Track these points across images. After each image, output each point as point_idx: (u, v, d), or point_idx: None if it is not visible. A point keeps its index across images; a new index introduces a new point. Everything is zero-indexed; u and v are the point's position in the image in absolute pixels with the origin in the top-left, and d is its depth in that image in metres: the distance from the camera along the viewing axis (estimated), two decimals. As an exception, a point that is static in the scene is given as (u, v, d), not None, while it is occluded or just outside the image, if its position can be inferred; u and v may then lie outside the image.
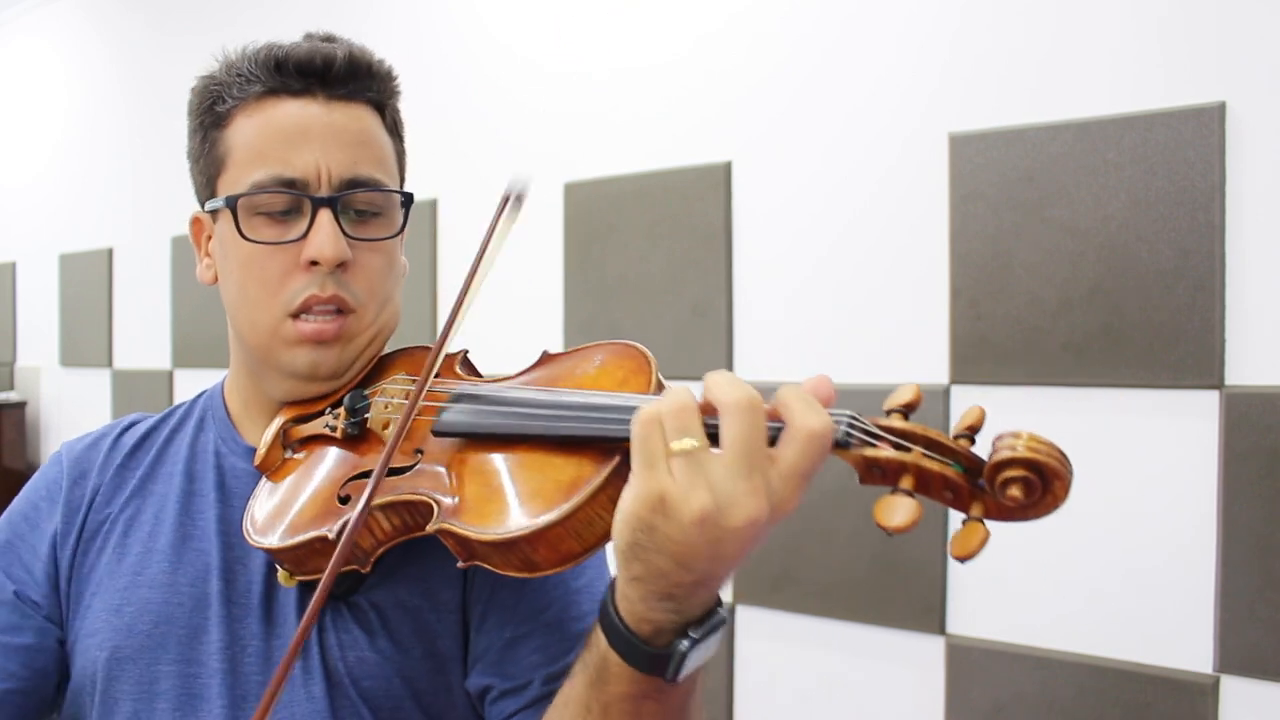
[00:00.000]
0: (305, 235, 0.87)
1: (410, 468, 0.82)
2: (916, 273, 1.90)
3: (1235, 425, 1.59)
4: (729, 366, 2.13)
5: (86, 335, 3.86)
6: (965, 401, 1.76)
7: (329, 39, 0.94)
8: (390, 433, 0.80)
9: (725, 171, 2.15)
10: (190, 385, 3.35)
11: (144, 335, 3.60)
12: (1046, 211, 1.74)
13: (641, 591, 0.65)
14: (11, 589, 0.91)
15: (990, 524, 0.62)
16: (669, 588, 0.65)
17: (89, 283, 3.85)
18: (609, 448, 0.71)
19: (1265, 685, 1.56)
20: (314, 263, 0.87)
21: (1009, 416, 0.72)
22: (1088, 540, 1.72)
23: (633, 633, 0.67)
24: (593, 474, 0.70)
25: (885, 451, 0.63)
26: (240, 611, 0.89)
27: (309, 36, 0.94)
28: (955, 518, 0.65)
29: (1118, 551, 1.69)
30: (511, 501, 0.73)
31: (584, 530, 0.70)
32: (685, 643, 0.66)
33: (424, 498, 0.78)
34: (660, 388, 0.76)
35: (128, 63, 3.79)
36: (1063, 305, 1.73)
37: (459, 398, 0.83)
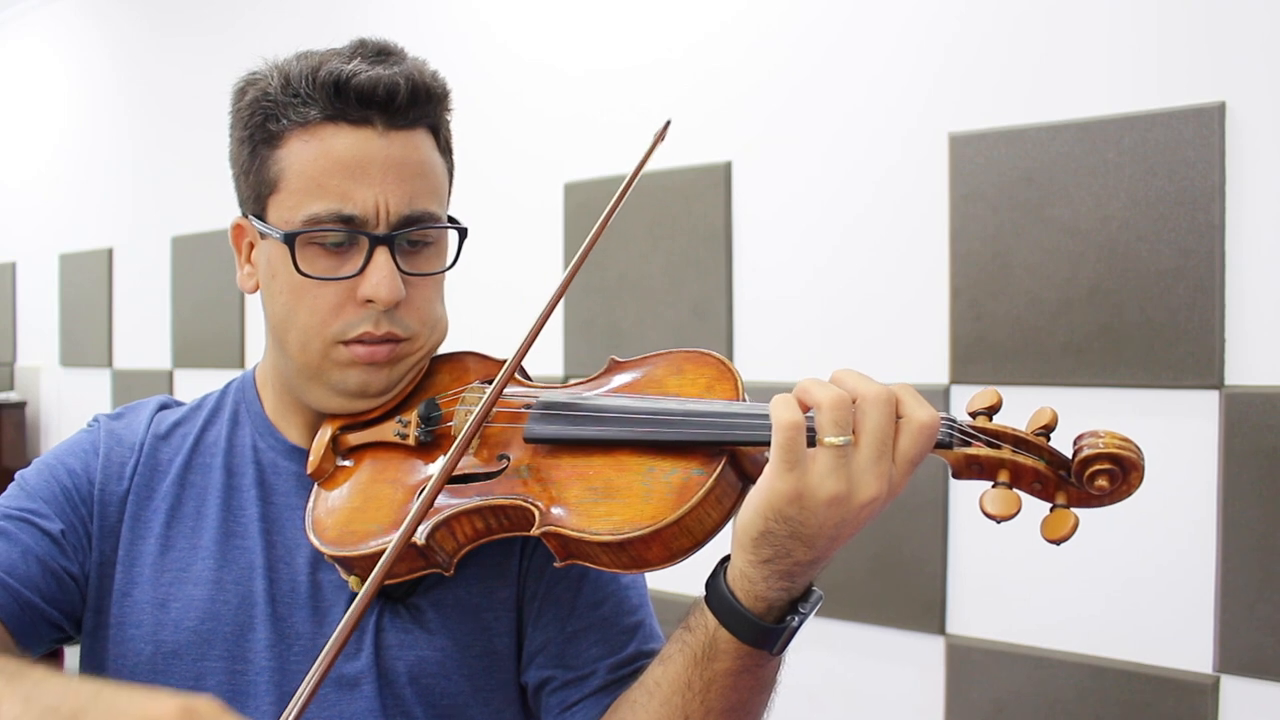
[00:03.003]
0: (360, 272, 0.87)
1: (497, 473, 0.84)
2: (916, 273, 1.90)
3: (1235, 425, 1.59)
4: (729, 366, 2.14)
5: (86, 335, 3.87)
6: (965, 401, 1.76)
7: (384, 52, 0.90)
8: (462, 439, 0.81)
9: (725, 171, 2.15)
10: (190, 385, 3.35)
11: (144, 335, 3.60)
12: (1046, 211, 1.74)
13: (766, 572, 0.72)
14: (59, 527, 0.90)
15: (1077, 511, 0.70)
16: (790, 567, 0.72)
17: (89, 283, 3.85)
18: (714, 450, 0.77)
19: (1265, 685, 1.56)
20: (369, 300, 0.87)
21: (1009, 416, 0.73)
22: (1088, 541, 1.71)
23: (750, 610, 0.73)
24: (704, 477, 0.76)
25: (983, 450, 0.71)
26: (285, 610, 0.90)
27: (364, 48, 0.90)
28: (959, 517, 0.68)
29: (1118, 552, 1.69)
30: (623, 504, 0.77)
31: (695, 528, 0.75)
32: (797, 618, 0.74)
33: (519, 503, 0.81)
34: (744, 394, 0.82)
35: (128, 63, 3.79)
36: (1063, 305, 1.73)
37: (549, 406, 0.85)
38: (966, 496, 1.77)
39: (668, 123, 0.92)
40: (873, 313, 1.96)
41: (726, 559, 0.76)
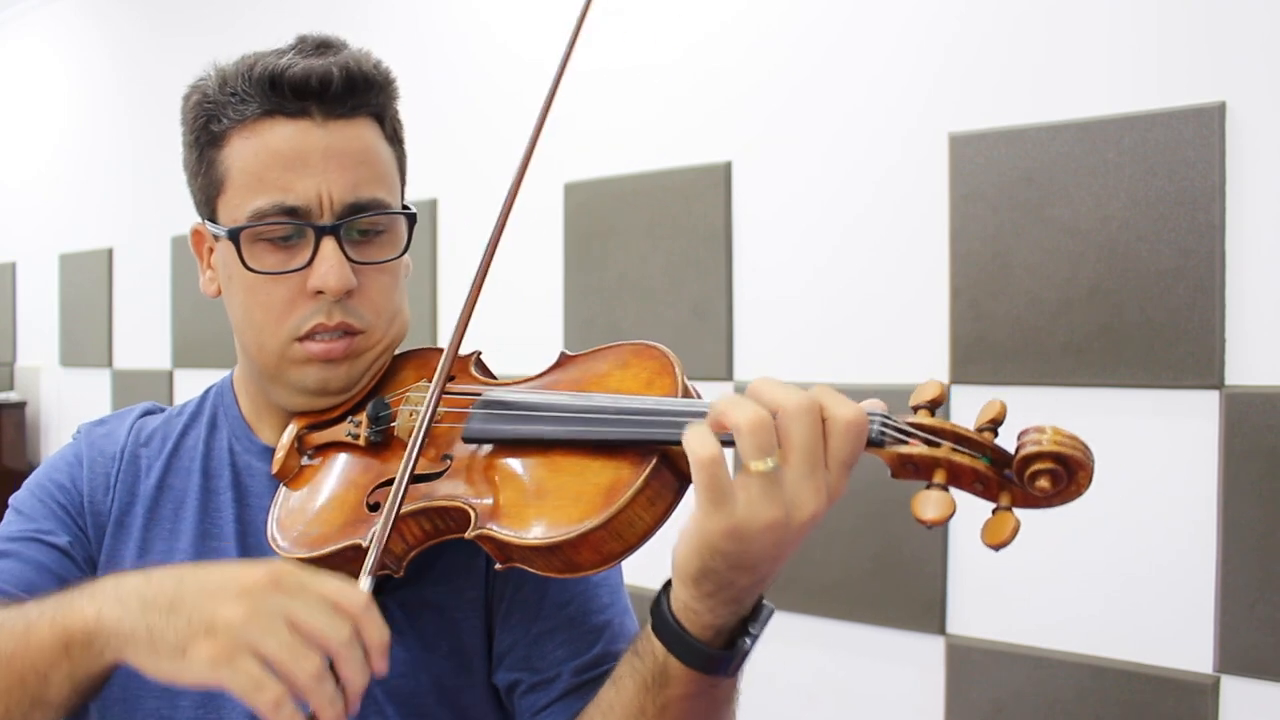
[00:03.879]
0: (309, 264, 0.87)
1: (440, 474, 0.82)
2: (916, 273, 1.90)
3: (1235, 425, 1.59)
4: (729, 367, 2.14)
5: (86, 335, 3.86)
6: (966, 401, 1.76)
7: (323, 47, 0.91)
8: (413, 447, 0.80)
9: (725, 171, 2.15)
10: (190, 385, 3.35)
11: (144, 335, 3.60)
12: (1046, 211, 1.74)
13: (711, 604, 0.69)
14: (66, 539, 0.91)
15: (1019, 514, 0.65)
16: (737, 593, 0.69)
17: (89, 283, 3.85)
18: (645, 449, 0.73)
19: (1265, 685, 1.56)
20: (319, 292, 0.87)
21: (1009, 416, 0.73)
22: (1088, 540, 1.72)
23: (698, 639, 0.70)
24: (632, 477, 0.72)
25: (918, 448, 0.66)
26: None
27: (301, 44, 0.91)
28: (959, 517, 0.67)
29: (1118, 551, 1.69)
30: (552, 506, 0.75)
31: (625, 531, 0.72)
32: (749, 640, 0.71)
33: (457, 504, 0.79)
34: (686, 391, 0.78)
35: (128, 63, 3.79)
36: (1063, 305, 1.73)
37: (487, 404, 0.84)
38: (967, 497, 1.77)
39: None
40: (873, 313, 1.96)
41: (669, 583, 0.73)
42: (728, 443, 0.66)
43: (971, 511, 0.71)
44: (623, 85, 2.33)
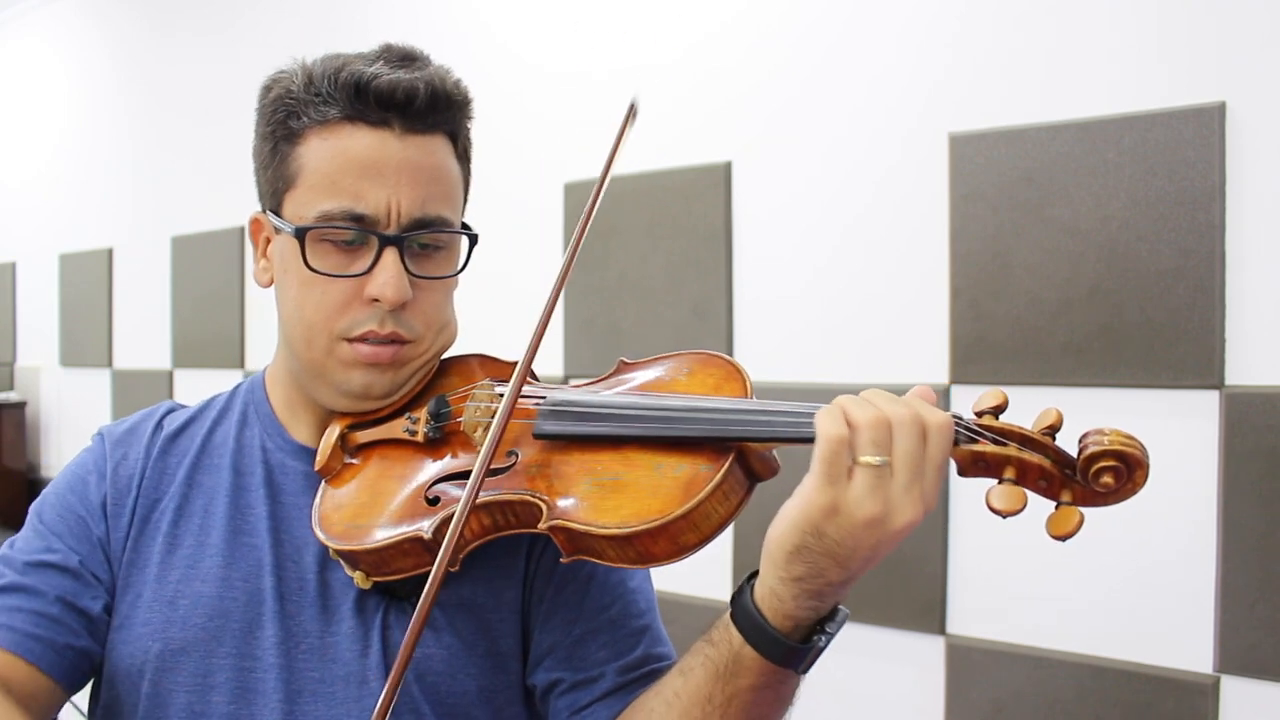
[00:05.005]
0: (369, 271, 0.88)
1: (506, 469, 0.84)
2: (916, 273, 1.90)
3: (1235, 425, 1.59)
4: (729, 366, 2.14)
5: (86, 335, 3.87)
6: (966, 401, 1.76)
7: (408, 58, 0.92)
8: (485, 435, 0.82)
9: (725, 171, 2.15)
10: (190, 385, 3.35)
11: (144, 335, 3.60)
12: (1046, 211, 1.74)
13: (796, 590, 0.71)
14: (76, 558, 0.92)
15: (1083, 510, 0.71)
16: (821, 586, 0.71)
17: (89, 283, 3.85)
18: (721, 446, 0.77)
19: (1265, 685, 1.56)
20: (375, 299, 0.88)
21: (1009, 416, 0.74)
22: (1088, 540, 1.70)
23: (776, 629, 0.73)
24: (711, 472, 0.76)
25: (989, 447, 0.72)
26: (294, 608, 0.91)
27: (387, 53, 0.92)
28: (959, 517, 0.68)
29: (1118, 551, 1.69)
30: (630, 498, 0.77)
31: (702, 523, 0.76)
32: (824, 639, 0.74)
33: (527, 498, 0.81)
34: (753, 395, 0.82)
35: (128, 63, 3.79)
36: (1063, 305, 1.73)
37: (558, 404, 0.86)
38: (967, 497, 1.77)
39: (633, 106, 0.91)
40: (873, 313, 1.96)
41: (752, 576, 0.75)
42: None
43: (972, 511, 0.72)
44: (623, 85, 2.33)
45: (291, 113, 0.90)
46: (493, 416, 0.85)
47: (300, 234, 0.88)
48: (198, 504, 0.95)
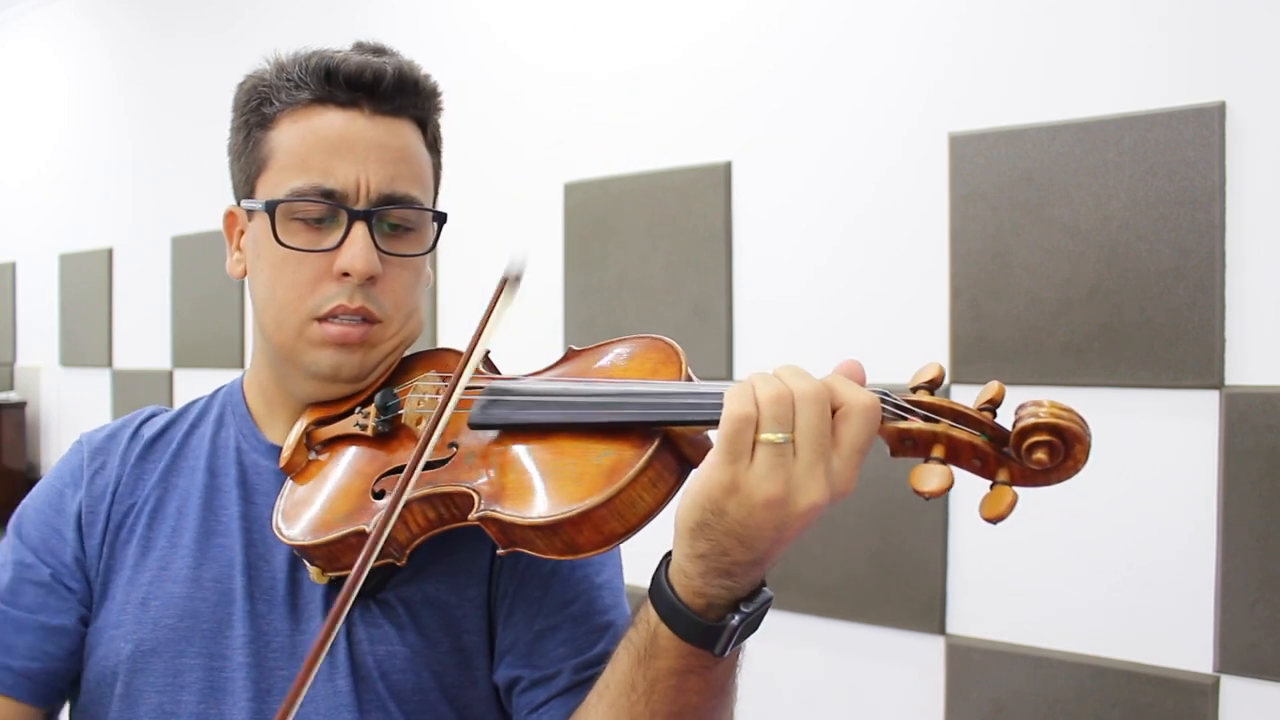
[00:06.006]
0: (339, 246, 0.89)
1: (445, 461, 0.84)
2: (916, 273, 1.90)
3: (1235, 425, 1.59)
4: (729, 366, 2.14)
5: (86, 335, 3.87)
6: (965, 401, 1.76)
7: (379, 51, 0.95)
8: (424, 427, 0.82)
9: (725, 171, 2.15)
10: (190, 385, 3.35)
11: (144, 335, 3.60)
12: (1046, 211, 1.74)
13: (701, 568, 0.69)
14: (47, 572, 0.93)
15: (1017, 489, 0.66)
16: (728, 565, 0.69)
17: (89, 283, 3.85)
18: (647, 431, 0.74)
19: (1265, 685, 1.56)
20: (345, 274, 0.89)
21: (1008, 416, 0.73)
22: (1088, 540, 1.72)
23: (687, 606, 0.70)
24: (634, 458, 0.73)
25: (916, 424, 0.68)
26: (265, 607, 0.91)
27: (360, 47, 0.95)
28: (959, 517, 0.67)
29: (1118, 551, 1.69)
30: (555, 486, 0.76)
31: (626, 511, 0.73)
32: (736, 617, 0.70)
33: (463, 489, 0.80)
34: (689, 379, 0.79)
35: (128, 63, 3.79)
36: (1063, 305, 1.73)
37: (494, 392, 0.85)
38: (967, 496, 1.77)
39: (516, 275, 0.84)
40: (873, 313, 1.96)
41: (670, 552, 0.74)
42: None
43: (971, 512, 0.71)
44: (623, 85, 2.33)
45: (265, 99, 0.92)
46: (433, 408, 0.84)
47: (271, 207, 0.90)
48: (172, 506, 0.96)
